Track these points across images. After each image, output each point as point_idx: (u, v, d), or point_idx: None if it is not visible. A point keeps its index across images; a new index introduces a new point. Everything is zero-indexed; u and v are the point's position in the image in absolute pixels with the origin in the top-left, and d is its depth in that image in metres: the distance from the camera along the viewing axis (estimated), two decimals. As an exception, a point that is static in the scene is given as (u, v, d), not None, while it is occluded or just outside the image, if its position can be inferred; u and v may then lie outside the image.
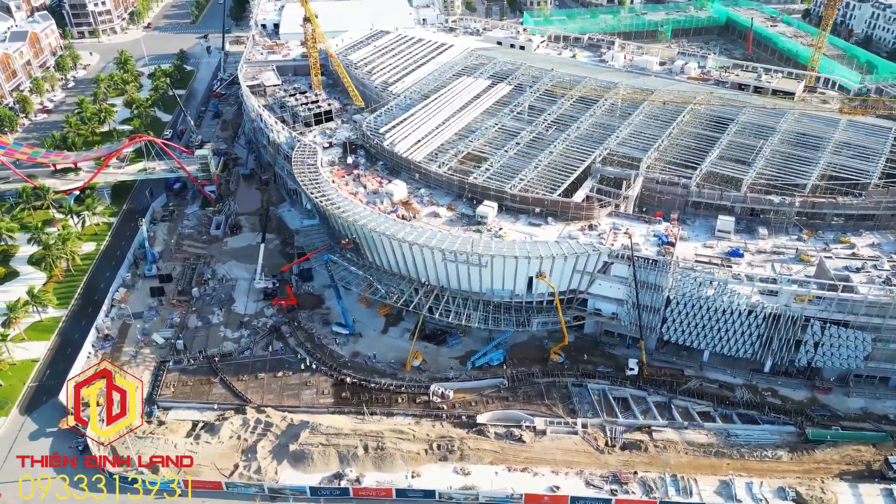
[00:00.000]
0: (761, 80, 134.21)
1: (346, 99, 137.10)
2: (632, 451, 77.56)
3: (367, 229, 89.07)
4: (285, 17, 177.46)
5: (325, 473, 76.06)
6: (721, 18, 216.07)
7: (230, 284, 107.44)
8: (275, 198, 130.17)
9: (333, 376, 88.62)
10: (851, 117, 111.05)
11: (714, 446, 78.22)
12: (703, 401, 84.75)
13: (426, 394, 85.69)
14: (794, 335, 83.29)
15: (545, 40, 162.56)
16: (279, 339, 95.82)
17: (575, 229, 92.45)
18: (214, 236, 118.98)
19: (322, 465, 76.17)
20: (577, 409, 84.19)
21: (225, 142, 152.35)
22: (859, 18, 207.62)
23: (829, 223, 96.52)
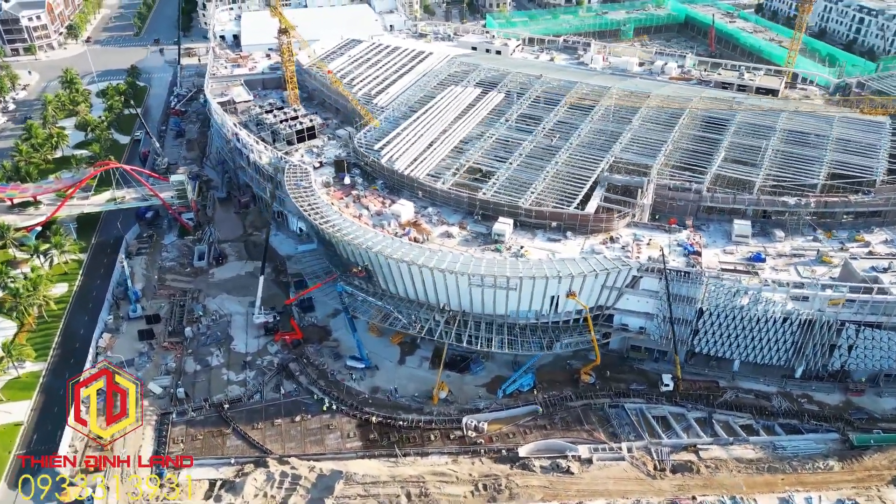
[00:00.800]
0: (744, 78, 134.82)
1: (324, 113, 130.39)
2: (683, 474, 74.65)
3: (384, 256, 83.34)
4: (245, 28, 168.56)
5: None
6: (680, 16, 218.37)
7: (225, 321, 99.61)
8: (257, 222, 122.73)
9: (357, 416, 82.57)
10: (849, 114, 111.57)
11: (764, 461, 76.13)
12: (742, 413, 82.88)
13: (459, 428, 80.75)
14: (829, 340, 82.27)
15: (520, 44, 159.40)
16: (289, 379, 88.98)
17: (596, 243, 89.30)
18: (199, 268, 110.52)
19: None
20: (617, 432, 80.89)
21: (193, 163, 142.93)
22: (812, 12, 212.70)
23: (840, 221, 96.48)
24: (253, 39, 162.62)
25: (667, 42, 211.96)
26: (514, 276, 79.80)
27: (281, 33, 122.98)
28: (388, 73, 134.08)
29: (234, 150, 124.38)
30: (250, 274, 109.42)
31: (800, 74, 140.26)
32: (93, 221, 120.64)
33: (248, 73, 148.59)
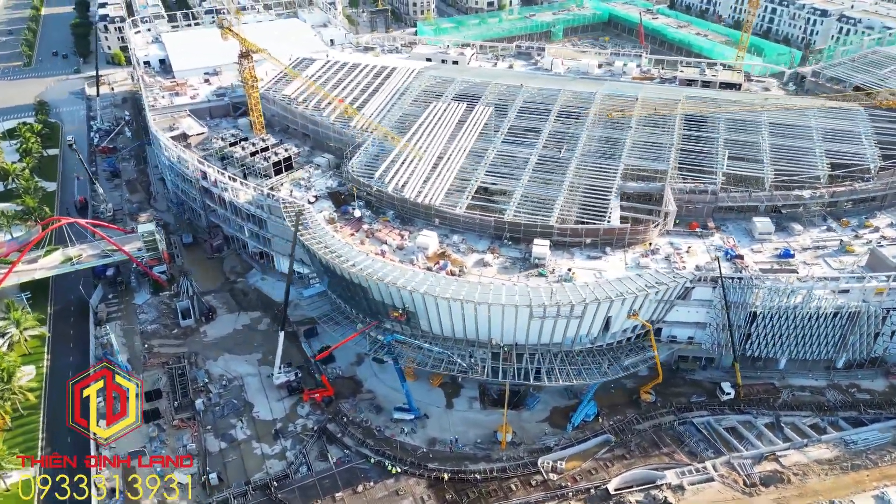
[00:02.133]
0: (706, 74, 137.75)
1: (290, 140, 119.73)
2: (776, 486, 73.16)
3: (433, 297, 76.23)
4: (173, 51, 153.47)
5: None
6: (604, 15, 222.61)
7: (237, 385, 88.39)
8: (239, 267, 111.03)
9: (426, 476, 75.01)
10: (826, 104, 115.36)
11: (842, 459, 76.18)
12: (803, 412, 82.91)
13: (537, 471, 75.30)
14: (875, 328, 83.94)
15: (475, 53, 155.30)
16: (333, 443, 79.82)
17: (636, 256, 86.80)
18: (187, 327, 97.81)
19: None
20: (694, 450, 78.45)
21: (138, 206, 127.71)
22: (725, 4, 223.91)
23: (843, 210, 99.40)
24: (185, 64, 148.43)
25: (595, 41, 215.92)
26: (579, 303, 75.29)
27: (242, 57, 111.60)
28: (356, 92, 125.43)
29: (201, 189, 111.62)
30: (248, 327, 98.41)
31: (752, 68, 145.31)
32: (42, 287, 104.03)
33: (192, 101, 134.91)
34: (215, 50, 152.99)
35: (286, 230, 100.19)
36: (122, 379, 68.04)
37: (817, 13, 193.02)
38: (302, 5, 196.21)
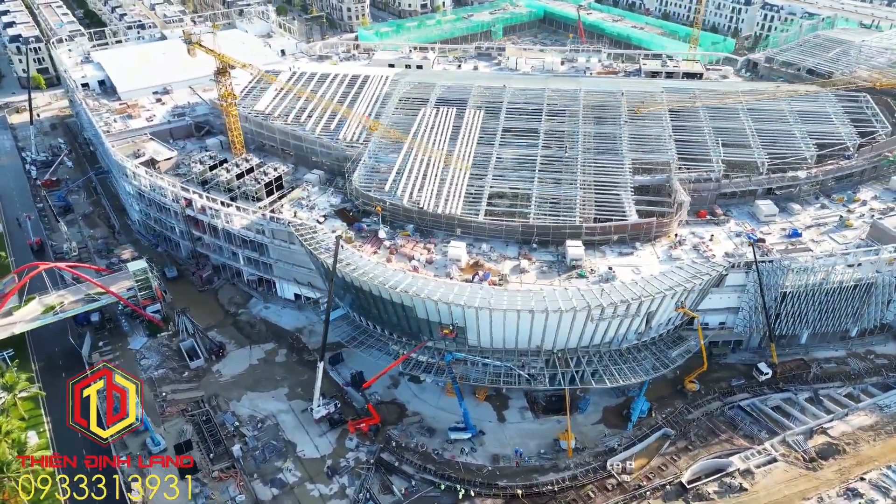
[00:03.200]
0: (667, 65, 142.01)
1: (269, 159, 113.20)
2: (835, 458, 75.90)
3: (487, 311, 73.84)
4: (114, 71, 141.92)
5: None
6: (539, 13, 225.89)
7: (271, 425, 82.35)
8: (237, 297, 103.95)
9: (501, 495, 72.57)
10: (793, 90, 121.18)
11: (882, 423, 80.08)
12: (834, 382, 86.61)
13: (609, 475, 74.57)
14: (889, 296, 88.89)
15: (437, 56, 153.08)
16: (392, 473, 75.80)
17: (666, 248, 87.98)
18: (198, 368, 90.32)
19: None
20: (748, 432, 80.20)
21: (105, 243, 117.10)
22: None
23: (829, 187, 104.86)
24: (131, 84, 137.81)
25: (534, 38, 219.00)
26: (634, 300, 75.09)
27: (219, 74, 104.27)
28: (335, 103, 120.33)
29: (185, 218, 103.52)
30: (264, 361, 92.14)
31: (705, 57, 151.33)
32: (20, 344, 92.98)
33: (150, 124, 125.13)
34: (162, 67, 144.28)
35: (291, 254, 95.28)
36: (121, 379, 66.19)
37: (741, 2, 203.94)
38: (229, 17, 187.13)
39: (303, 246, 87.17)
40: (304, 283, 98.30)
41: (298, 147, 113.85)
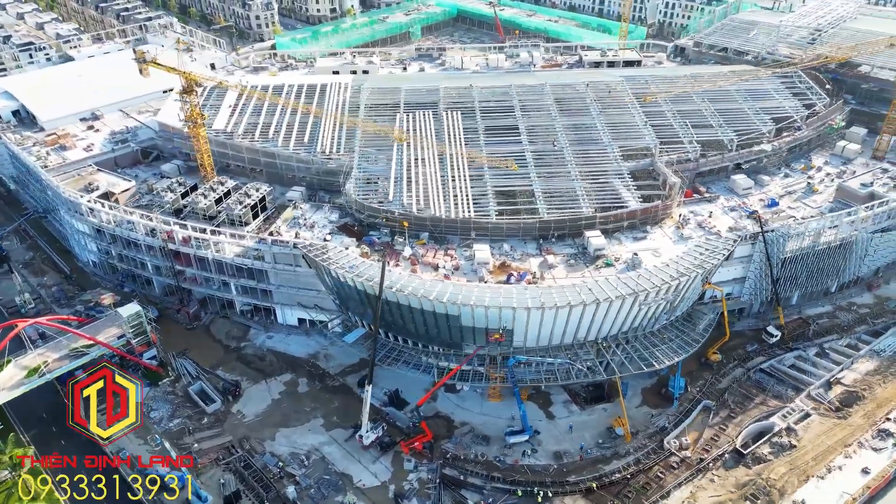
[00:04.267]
0: (607, 55, 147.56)
1: (234, 179, 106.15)
2: (858, 404, 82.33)
3: (542, 310, 73.57)
4: (32, 100, 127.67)
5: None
6: (453, 11, 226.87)
7: (317, 459, 77.57)
8: (234, 330, 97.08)
9: (577, 491, 72.66)
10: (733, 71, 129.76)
11: (883, 367, 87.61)
12: (831, 336, 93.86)
13: (671, 454, 76.76)
14: (864, 251, 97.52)
15: (381, 61, 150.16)
16: (460, 488, 73.77)
17: (673, 229, 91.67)
18: (216, 412, 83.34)
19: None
20: (776, 393, 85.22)
21: (61, 290, 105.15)
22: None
23: (783, 158, 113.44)
24: (54, 111, 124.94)
25: (451, 36, 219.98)
26: (674, 282, 77.56)
27: (185, 93, 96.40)
28: (303, 116, 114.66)
29: (168, 253, 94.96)
30: (286, 393, 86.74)
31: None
32: None
33: (90, 154, 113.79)
34: (84, 91, 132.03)
35: (296, 277, 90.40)
36: (121, 378, 65.91)
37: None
38: (135, 33, 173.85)
39: (319, 267, 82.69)
40: (309, 306, 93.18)
41: (271, 165, 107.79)
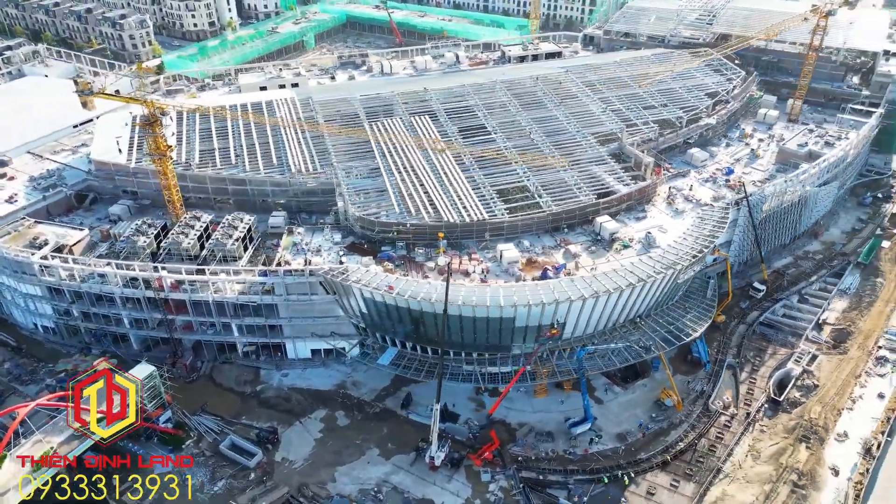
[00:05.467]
0: (529, 49, 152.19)
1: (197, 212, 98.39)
2: (848, 339, 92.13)
3: (595, 299, 75.05)
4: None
5: None
6: (342, 17, 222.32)
7: (390, 491, 73.68)
8: (242, 374, 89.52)
9: (658, 466, 75.13)
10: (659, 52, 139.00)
11: (854, 303, 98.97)
12: (802, 283, 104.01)
13: (719, 414, 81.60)
14: (815, 204, 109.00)
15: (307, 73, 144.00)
16: (544, 488, 73.56)
17: (664, 205, 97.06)
18: (260, 465, 76.33)
19: None
20: (780, 341, 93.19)
21: (21, 367, 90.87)
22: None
23: (717, 129, 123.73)
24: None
25: (345, 41, 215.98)
26: (701, 253, 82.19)
27: (149, 125, 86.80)
28: (255, 137, 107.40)
29: (161, 303, 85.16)
30: (329, 430, 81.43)
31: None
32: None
33: (17, 206, 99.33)
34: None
35: (311, 306, 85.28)
36: (121, 379, 65.66)
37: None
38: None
39: (341, 292, 78.65)
40: (325, 334, 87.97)
41: (241, 192, 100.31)
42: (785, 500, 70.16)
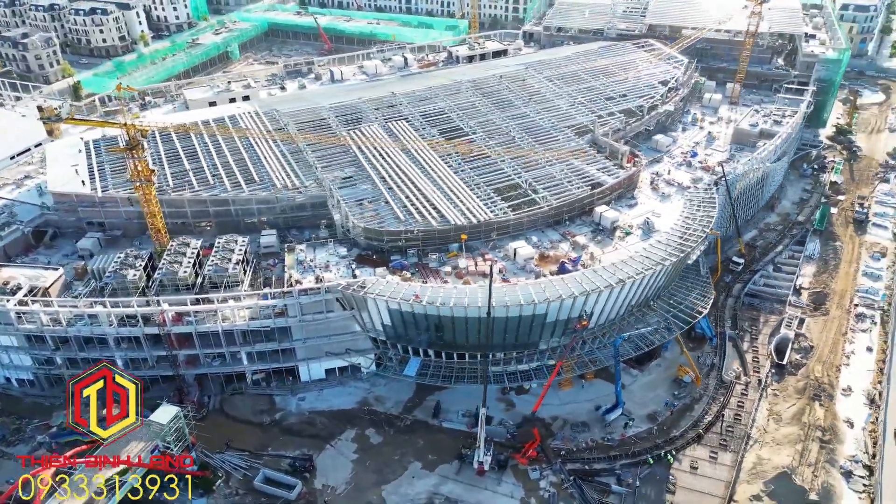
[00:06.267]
0: (475, 48, 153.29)
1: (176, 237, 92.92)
2: (826, 301, 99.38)
3: (621, 286, 76.88)
4: None
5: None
6: (264, 25, 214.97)
7: (440, 501, 72.34)
8: (258, 403, 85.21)
9: (697, 440, 78.10)
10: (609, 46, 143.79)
11: (820, 268, 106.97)
12: (773, 251, 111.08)
13: (734, 383, 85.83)
14: (773, 180, 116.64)
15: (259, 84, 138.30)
16: (592, 477, 74.71)
17: (650, 189, 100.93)
18: (302, 495, 72.73)
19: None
20: (768, 309, 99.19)
21: (6, 427, 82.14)
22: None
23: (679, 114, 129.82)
24: None
25: (271, 50, 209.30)
26: (705, 235, 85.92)
27: (131, 149, 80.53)
28: (229, 156, 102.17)
29: (166, 338, 79.37)
30: (363, 450, 78.88)
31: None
32: None
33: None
34: None
35: (326, 325, 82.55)
36: (121, 379, 64.68)
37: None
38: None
39: (360, 305, 76.78)
40: (340, 352, 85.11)
41: (223, 213, 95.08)
42: (817, 456, 74.78)
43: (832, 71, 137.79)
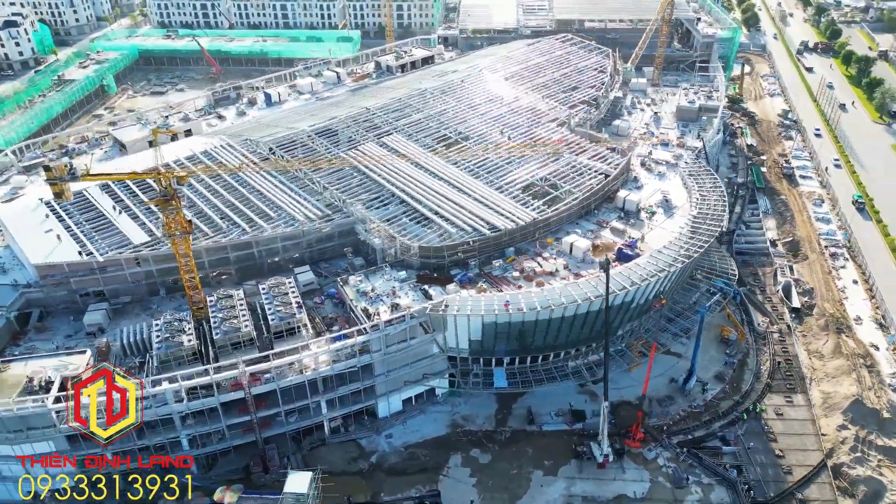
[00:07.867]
0: (404, 57, 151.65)
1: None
2: (799, 249, 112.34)
3: (681, 266, 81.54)
4: None
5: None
6: (134, 53, 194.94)
7: (579, 502, 72.40)
8: (335, 451, 79.28)
9: (767, 392, 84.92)
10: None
11: (784, 234, 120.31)
12: (735, 210, 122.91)
13: (770, 332, 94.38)
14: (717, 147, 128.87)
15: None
16: (700, 444, 78.83)
17: (646, 170, 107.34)
18: (444, 534, 69.14)
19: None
20: (759, 263, 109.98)
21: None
22: (227, 11, 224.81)
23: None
24: None
25: (149, 82, 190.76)
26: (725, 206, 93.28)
27: (167, 201, 70.44)
28: (222, 189, 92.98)
29: (250, 400, 70.70)
30: (476, 472, 76.48)
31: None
32: None
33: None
34: None
35: (407, 353, 78.94)
36: (121, 379, 64.23)
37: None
38: None
39: (445, 326, 74.99)
40: (417, 379, 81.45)
41: (244, 258, 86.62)
42: (870, 381, 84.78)
43: (727, 48, 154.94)
